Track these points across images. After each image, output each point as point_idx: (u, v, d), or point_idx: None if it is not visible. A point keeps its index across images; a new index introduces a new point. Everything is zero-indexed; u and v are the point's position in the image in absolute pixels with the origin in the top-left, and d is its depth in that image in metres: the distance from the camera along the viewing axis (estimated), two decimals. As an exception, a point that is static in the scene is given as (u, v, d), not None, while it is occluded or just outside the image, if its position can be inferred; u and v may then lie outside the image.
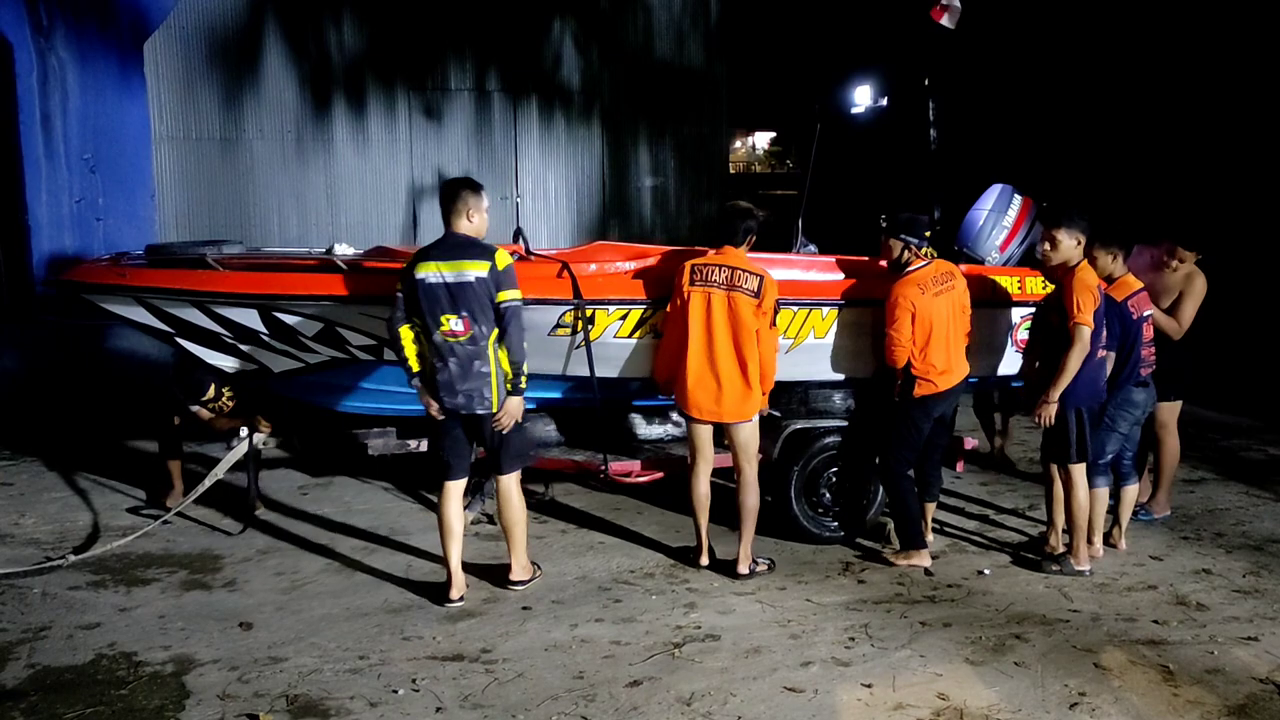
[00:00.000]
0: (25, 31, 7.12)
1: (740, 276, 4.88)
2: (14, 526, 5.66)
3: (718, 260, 4.93)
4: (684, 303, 4.91)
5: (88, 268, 5.59)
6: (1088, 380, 5.00)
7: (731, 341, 4.88)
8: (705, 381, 4.91)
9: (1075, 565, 5.14)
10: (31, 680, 4.01)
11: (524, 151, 9.76)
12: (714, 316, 4.88)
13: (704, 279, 4.90)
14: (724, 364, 4.88)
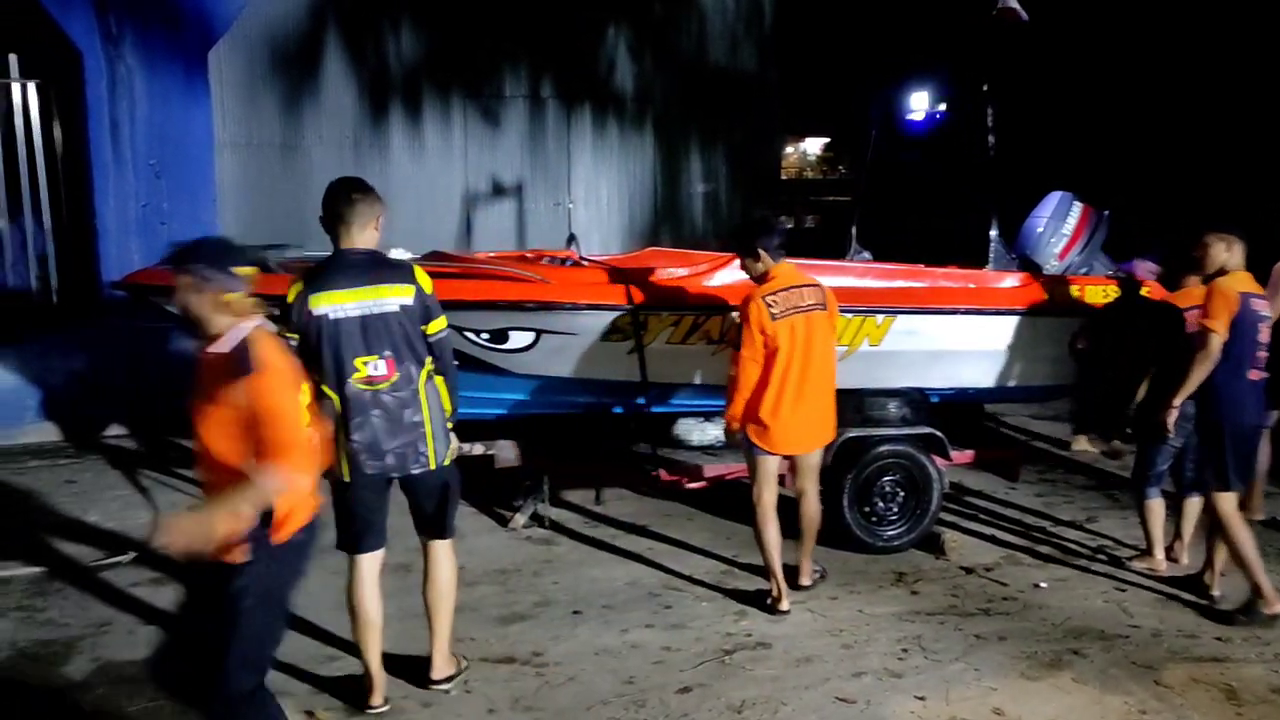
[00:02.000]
0: (95, 40, 7.30)
1: (807, 293, 4.56)
2: (78, 523, 5.79)
3: (781, 284, 4.53)
4: (768, 340, 4.46)
5: (153, 270, 5.71)
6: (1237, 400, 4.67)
7: (819, 364, 4.58)
8: (800, 414, 4.56)
9: (1267, 610, 4.63)
10: (97, 673, 4.11)
11: (577, 158, 9.82)
12: (798, 345, 4.50)
13: (782, 309, 4.48)
14: (815, 390, 4.58)
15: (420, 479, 3.79)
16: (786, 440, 4.61)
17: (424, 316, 3.73)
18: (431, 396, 3.76)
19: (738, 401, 4.55)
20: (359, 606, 3.82)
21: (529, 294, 5.25)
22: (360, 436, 3.67)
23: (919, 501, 5.46)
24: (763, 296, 4.49)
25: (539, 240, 9.40)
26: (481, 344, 5.35)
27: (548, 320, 5.27)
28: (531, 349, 5.37)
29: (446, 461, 3.84)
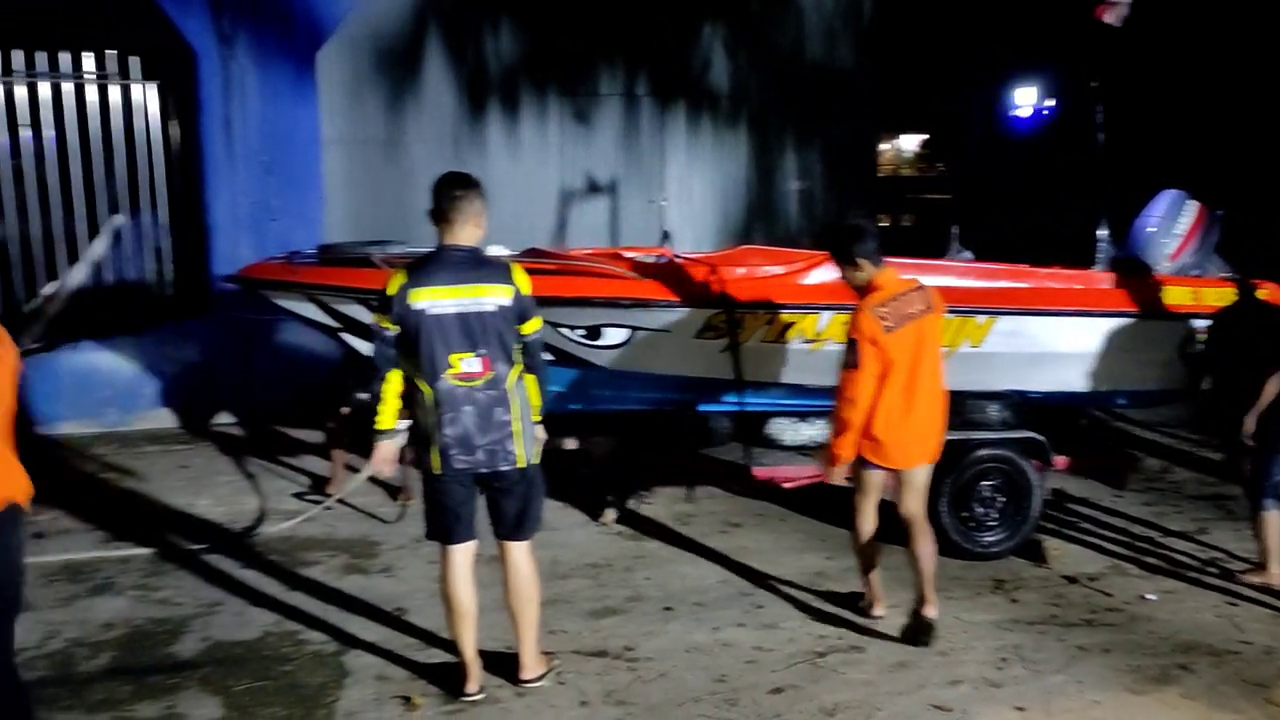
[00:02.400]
0: (211, 40, 7.57)
1: (915, 299, 4.24)
2: (190, 506, 6.02)
3: (889, 294, 4.19)
4: (883, 352, 4.14)
5: (263, 265, 5.91)
6: None
7: (928, 371, 4.27)
8: (910, 425, 4.27)
9: None
10: (205, 652, 4.28)
11: (670, 155, 9.82)
12: (907, 354, 4.19)
13: (895, 321, 4.15)
14: (924, 399, 4.27)
15: (506, 477, 3.82)
16: (896, 453, 4.30)
17: (520, 317, 3.76)
18: (521, 396, 3.80)
19: (855, 427, 4.19)
20: (453, 596, 3.88)
21: (623, 291, 5.28)
22: (452, 431, 3.71)
23: (1019, 507, 5.33)
24: (873, 309, 4.15)
25: (631, 237, 9.42)
26: (576, 340, 5.41)
27: (641, 317, 5.30)
28: (625, 346, 5.40)
29: (534, 460, 3.87)
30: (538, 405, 3.89)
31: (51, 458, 6.97)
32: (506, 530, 3.92)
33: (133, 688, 3.98)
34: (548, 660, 4.12)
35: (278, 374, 7.77)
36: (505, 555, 3.94)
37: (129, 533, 5.55)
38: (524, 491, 3.87)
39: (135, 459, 6.90)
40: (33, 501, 6.00)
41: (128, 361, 7.63)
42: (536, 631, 4.02)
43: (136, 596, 4.78)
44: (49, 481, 6.35)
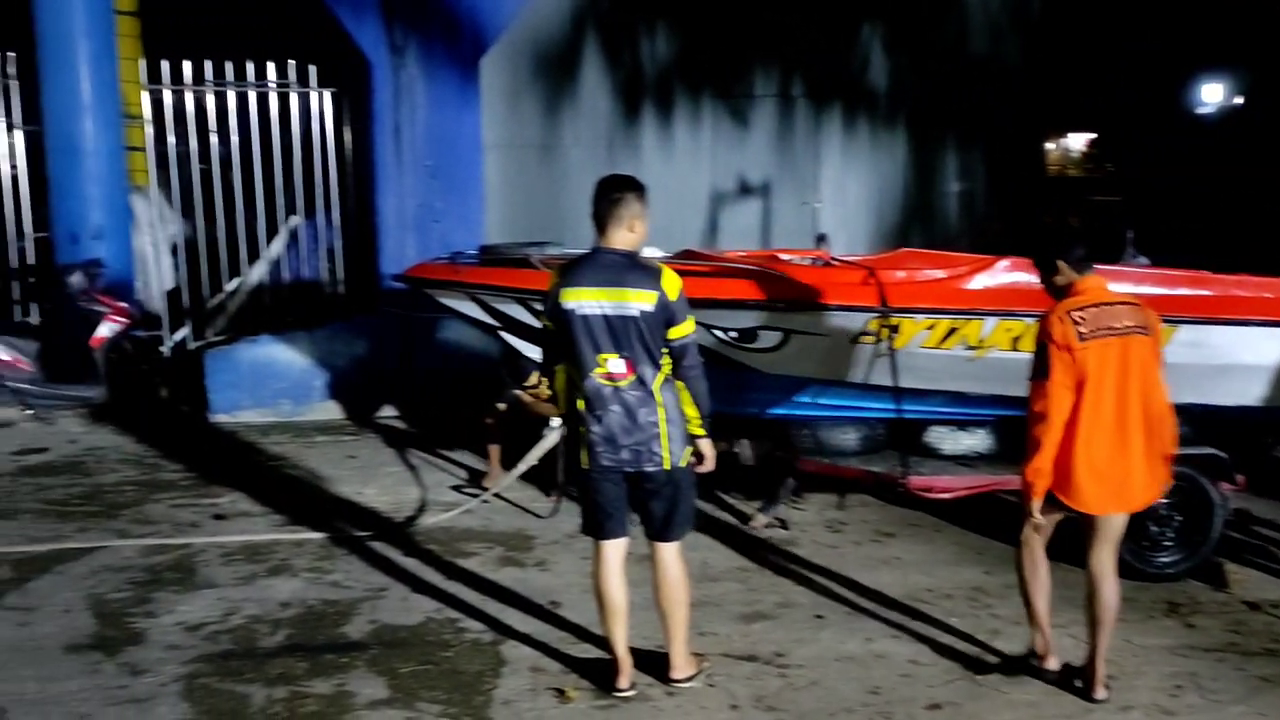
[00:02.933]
0: (383, 51, 7.90)
1: (1124, 313, 3.78)
2: (358, 495, 6.30)
3: (1089, 299, 3.77)
4: (1076, 363, 3.68)
5: (428, 265, 6.14)
6: None
7: (1139, 402, 3.76)
8: (1119, 466, 3.77)
9: None
10: (372, 634, 4.46)
11: (825, 157, 9.71)
12: (1110, 374, 3.71)
13: (1091, 328, 3.70)
14: (1138, 437, 3.77)
15: (653, 478, 3.84)
16: (1089, 492, 3.78)
17: (666, 322, 3.76)
18: (669, 399, 3.82)
19: (1049, 446, 3.72)
20: (605, 592, 3.93)
21: (779, 293, 5.25)
22: (599, 429, 3.79)
23: (1198, 527, 5.05)
24: (1068, 311, 3.74)
25: (784, 239, 9.36)
26: (730, 342, 5.41)
27: (797, 320, 5.26)
28: (780, 349, 5.37)
29: (681, 463, 3.89)
30: (693, 411, 3.90)
31: (230, 444, 7.41)
32: (655, 531, 3.96)
33: (307, 664, 4.19)
34: (698, 661, 4.13)
35: (438, 369, 8.05)
36: (655, 555, 3.97)
37: (302, 517, 5.85)
38: (671, 493, 3.90)
39: (307, 448, 7.26)
40: (215, 483, 6.41)
41: (301, 355, 8.03)
42: (686, 632, 4.03)
43: (310, 578, 5.03)
44: (229, 466, 6.80)
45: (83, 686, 3.99)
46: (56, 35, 7.80)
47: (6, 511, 5.91)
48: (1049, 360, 3.71)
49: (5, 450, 7.08)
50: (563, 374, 3.91)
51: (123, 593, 4.84)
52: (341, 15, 7.82)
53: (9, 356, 7.47)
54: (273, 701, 3.91)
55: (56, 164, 7.96)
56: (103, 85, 7.96)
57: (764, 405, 5.61)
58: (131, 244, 8.39)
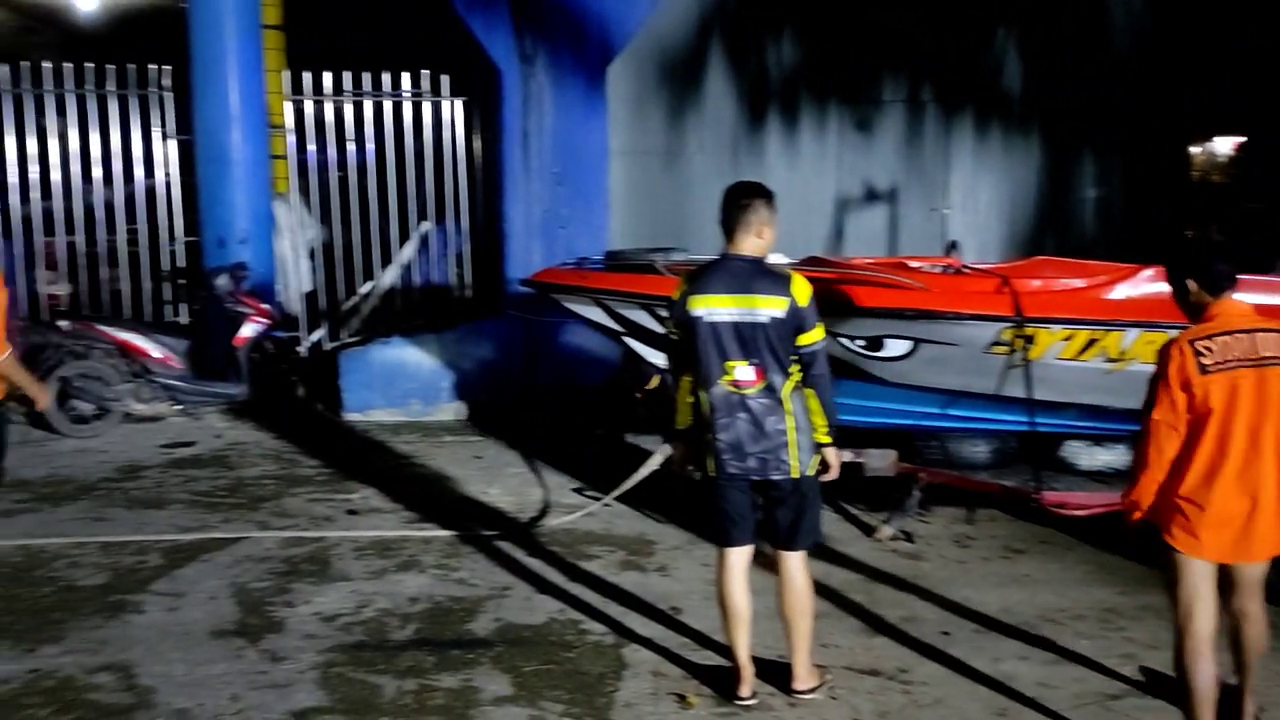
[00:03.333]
0: (513, 60, 8.08)
1: (1265, 342, 3.31)
2: (483, 494, 6.44)
3: (1221, 327, 3.34)
4: (1193, 400, 3.28)
5: (555, 270, 6.25)
6: None
7: (1276, 442, 3.32)
8: (1243, 508, 3.32)
9: None
10: (497, 632, 4.56)
11: (955, 162, 9.50)
12: (1243, 410, 3.27)
13: (1217, 359, 3.28)
14: (1268, 479, 3.31)
15: (779, 486, 3.83)
16: (1219, 542, 3.35)
17: (797, 329, 3.75)
18: (798, 407, 3.80)
19: (1144, 482, 3.37)
20: (728, 599, 3.92)
21: (908, 301, 5.17)
22: (726, 437, 3.78)
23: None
24: (1190, 341, 3.33)
25: (911, 246, 9.20)
26: (856, 350, 5.35)
27: (927, 329, 5.17)
28: (908, 358, 5.28)
29: (810, 472, 3.87)
30: (821, 420, 3.87)
31: (362, 441, 7.67)
32: (780, 540, 3.94)
33: (435, 659, 4.30)
34: (820, 673, 4.09)
35: (562, 373, 8.18)
36: (780, 565, 3.95)
37: (430, 515, 6.01)
38: (797, 502, 3.88)
39: (435, 447, 7.45)
40: (349, 479, 6.63)
41: (430, 357, 8.26)
42: (809, 643, 4.00)
43: (437, 575, 5.17)
44: (361, 463, 7.04)
45: (227, 670, 4.19)
46: (208, 50, 8.23)
47: (157, 501, 6.25)
48: (1156, 395, 3.34)
49: (156, 443, 7.48)
50: (687, 382, 3.90)
51: (263, 582, 5.06)
52: (474, 26, 8.03)
53: (160, 354, 7.89)
54: (403, 693, 4.03)
55: (206, 172, 8.39)
56: (250, 97, 8.36)
57: (890, 415, 5.52)
58: (273, 248, 8.77)
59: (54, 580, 5.06)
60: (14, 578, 5.09)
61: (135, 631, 4.53)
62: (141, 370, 7.83)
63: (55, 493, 6.35)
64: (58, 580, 5.06)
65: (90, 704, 3.94)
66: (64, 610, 4.73)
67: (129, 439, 7.55)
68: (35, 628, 4.55)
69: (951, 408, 5.48)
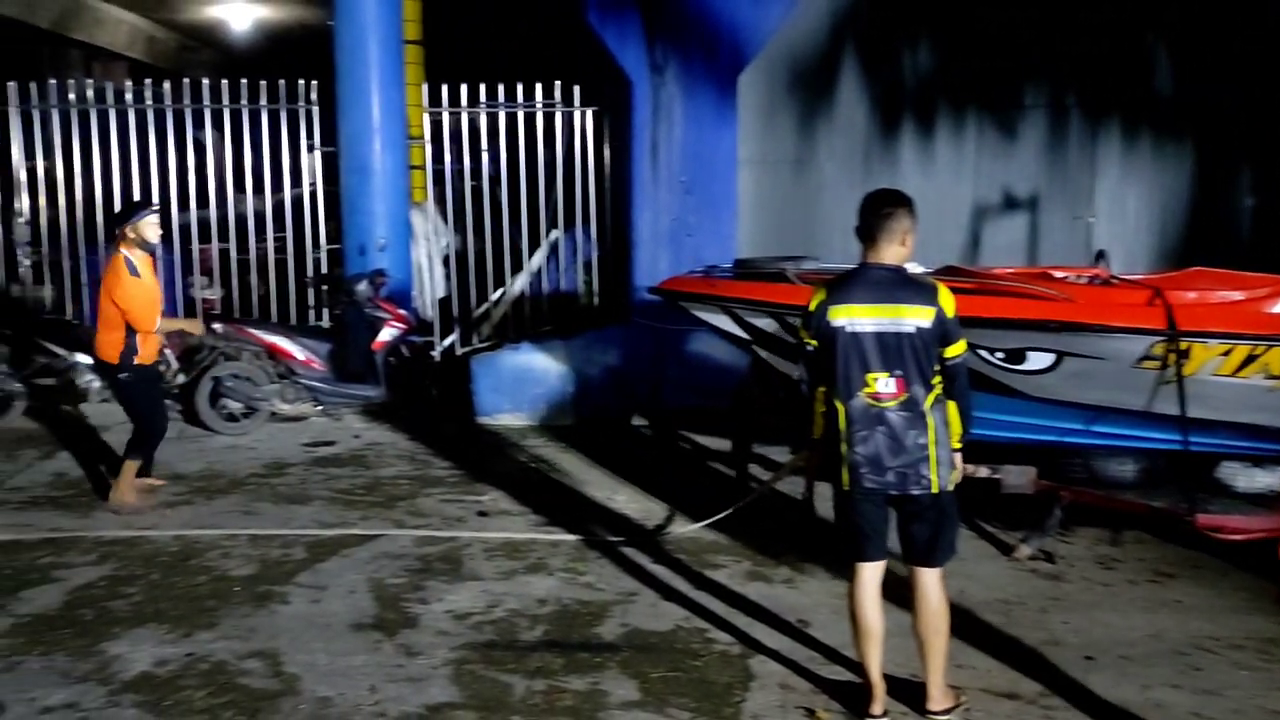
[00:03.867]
0: (644, 70, 8.14)
1: None
2: (609, 500, 6.48)
3: None
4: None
5: (683, 278, 6.25)
6: None
7: None
8: None
9: None
10: (624, 637, 4.58)
11: (1101, 169, 9.12)
12: None
13: None
14: None
15: (918, 501, 3.74)
16: None
17: (942, 340, 3.68)
18: (938, 420, 3.71)
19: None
20: (860, 615, 3.86)
21: (1052, 313, 4.98)
22: (863, 450, 3.71)
23: None
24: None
25: (1053, 256, 8.87)
26: (995, 363, 5.18)
27: (1072, 342, 4.97)
28: (1051, 371, 5.09)
29: (949, 487, 3.76)
30: (958, 431, 3.78)
31: (492, 444, 7.82)
32: (916, 556, 3.84)
33: (563, 661, 4.35)
34: (956, 695, 3.97)
35: (688, 381, 8.18)
36: (915, 581, 3.85)
37: (557, 518, 6.08)
38: (935, 518, 3.78)
39: (562, 452, 7.54)
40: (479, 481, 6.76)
41: (558, 363, 8.37)
42: (945, 662, 3.90)
43: (565, 578, 5.22)
44: (491, 465, 7.17)
45: (366, 662, 4.33)
46: (353, 66, 8.54)
47: (301, 497, 6.50)
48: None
49: (299, 442, 7.79)
50: (820, 397, 3.84)
51: (399, 579, 5.20)
52: (606, 37, 8.12)
53: (304, 357, 8.21)
54: (532, 693, 4.08)
55: (349, 182, 8.70)
56: (391, 109, 8.64)
57: (1030, 431, 5.33)
58: (410, 256, 9.04)
59: (208, 569, 5.32)
60: (172, 566, 5.37)
61: (281, 621, 4.72)
62: (287, 372, 8.17)
63: (208, 487, 6.67)
64: (211, 570, 5.32)
65: (241, 688, 4.12)
66: (217, 598, 4.97)
67: (274, 437, 7.88)
68: (191, 614, 4.79)
69: (1097, 424, 5.26)
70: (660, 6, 8.05)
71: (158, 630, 4.62)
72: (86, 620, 4.71)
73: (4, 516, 6.13)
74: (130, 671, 4.24)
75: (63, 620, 4.72)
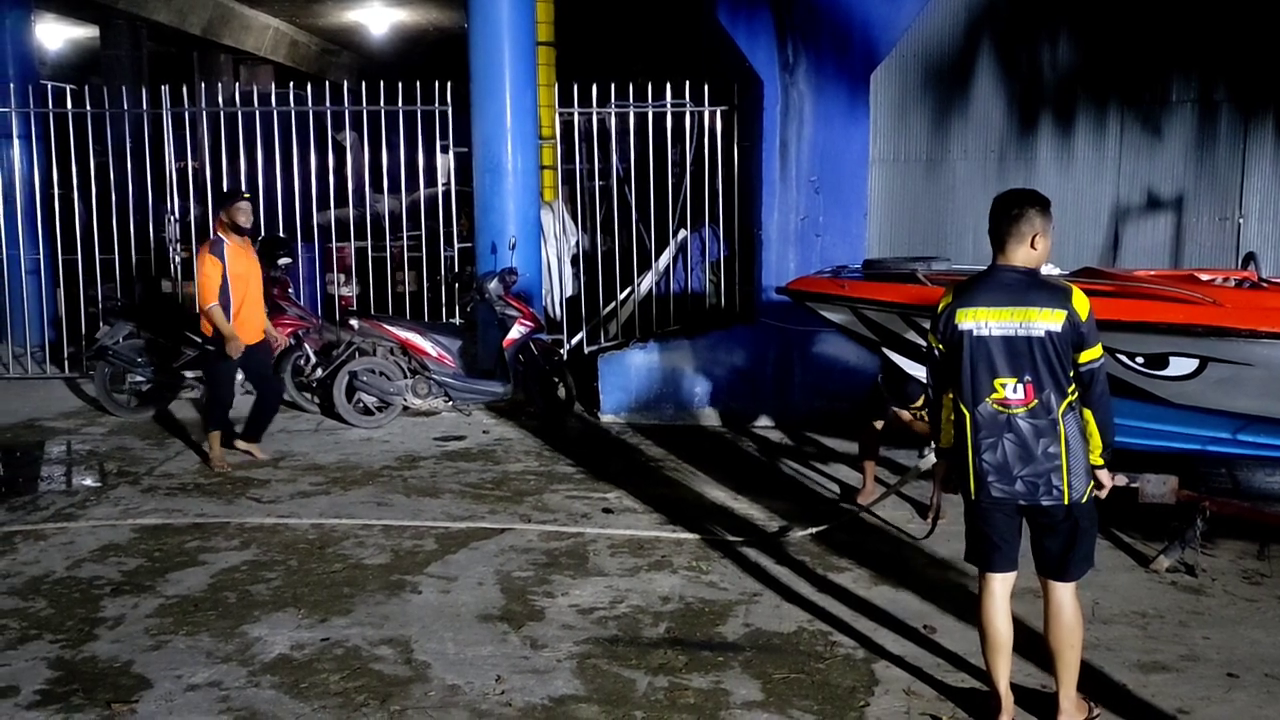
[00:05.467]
0: (774, 69, 8.11)
1: None
2: (733, 500, 6.50)
3: None
4: None
5: (812, 278, 6.23)
6: None
7: None
8: None
9: None
10: (746, 637, 4.59)
11: (1252, 167, 8.67)
12: None
13: None
14: None
15: (1049, 512, 3.64)
16: None
17: (1076, 344, 3.56)
18: (1072, 428, 3.60)
19: None
20: (988, 625, 3.78)
21: (1197, 317, 4.81)
22: (990, 458, 3.63)
23: None
24: None
25: (1197, 257, 8.49)
26: (1136, 369, 5.02)
27: (1218, 347, 4.78)
28: (1194, 378, 4.90)
29: (1083, 499, 3.64)
30: (1097, 441, 3.66)
31: (618, 442, 7.93)
32: (1049, 568, 3.74)
33: (686, 659, 4.39)
34: (1088, 708, 3.86)
35: (814, 383, 8.13)
36: (1047, 593, 3.75)
37: (680, 518, 6.13)
38: (1069, 530, 3.67)
39: (686, 451, 7.59)
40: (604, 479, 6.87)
41: (684, 362, 8.42)
42: (1076, 676, 3.78)
43: (688, 576, 5.27)
44: (616, 463, 7.28)
45: (493, 653, 4.45)
46: (487, 67, 8.76)
47: (432, 490, 6.72)
48: None
49: (430, 436, 8.05)
50: (948, 403, 3.76)
51: (526, 572, 5.33)
52: (737, 36, 8.12)
53: (436, 353, 8.47)
54: (654, 689, 4.14)
55: (482, 182, 8.93)
56: (523, 110, 8.84)
57: (1172, 439, 5.13)
58: (540, 254, 9.23)
59: (344, 558, 5.55)
60: (310, 553, 5.63)
61: (413, 610, 4.90)
62: (419, 367, 8.44)
63: (344, 477, 6.97)
64: (347, 558, 5.55)
65: (374, 673, 4.29)
66: (352, 586, 5.18)
67: (407, 431, 8.16)
68: (327, 600, 5.01)
69: (1243, 433, 5.04)
70: (791, 4, 8.02)
71: (295, 615, 4.84)
72: (229, 603, 4.97)
73: (154, 501, 6.51)
74: (270, 654, 4.45)
75: (208, 602, 4.98)
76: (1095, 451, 3.67)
